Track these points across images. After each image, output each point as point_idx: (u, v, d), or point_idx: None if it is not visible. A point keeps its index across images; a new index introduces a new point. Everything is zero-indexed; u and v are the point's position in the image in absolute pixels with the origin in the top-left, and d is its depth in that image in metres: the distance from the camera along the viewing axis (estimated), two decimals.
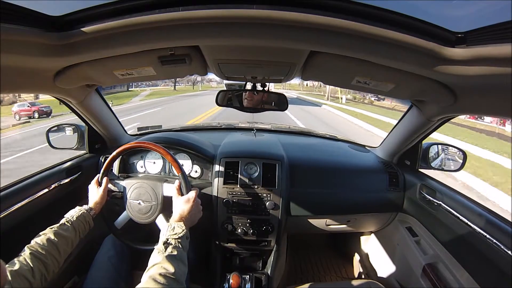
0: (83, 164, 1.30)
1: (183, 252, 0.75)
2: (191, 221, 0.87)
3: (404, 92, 0.86)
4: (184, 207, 0.86)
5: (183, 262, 0.72)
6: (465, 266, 0.95)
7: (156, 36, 0.59)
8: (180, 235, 0.76)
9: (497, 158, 6.84)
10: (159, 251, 0.71)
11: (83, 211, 0.91)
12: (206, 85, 49.40)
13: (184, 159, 1.29)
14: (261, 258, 1.36)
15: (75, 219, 0.88)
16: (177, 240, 0.75)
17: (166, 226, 0.80)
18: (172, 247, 0.72)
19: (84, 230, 0.90)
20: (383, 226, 1.46)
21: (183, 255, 0.74)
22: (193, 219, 0.88)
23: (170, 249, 0.71)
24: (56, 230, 0.81)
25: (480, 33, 0.50)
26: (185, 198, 0.88)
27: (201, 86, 44.56)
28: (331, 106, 17.92)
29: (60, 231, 0.81)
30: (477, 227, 0.89)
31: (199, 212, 0.91)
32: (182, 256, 0.73)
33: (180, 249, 0.73)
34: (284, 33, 0.56)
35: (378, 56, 0.61)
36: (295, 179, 1.26)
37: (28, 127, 10.51)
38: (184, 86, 45.45)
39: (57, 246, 0.77)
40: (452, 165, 1.28)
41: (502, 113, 0.72)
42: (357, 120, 11.80)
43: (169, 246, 0.72)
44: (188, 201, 0.87)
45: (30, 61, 0.65)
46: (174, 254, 0.71)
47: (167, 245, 0.72)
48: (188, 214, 0.85)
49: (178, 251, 0.72)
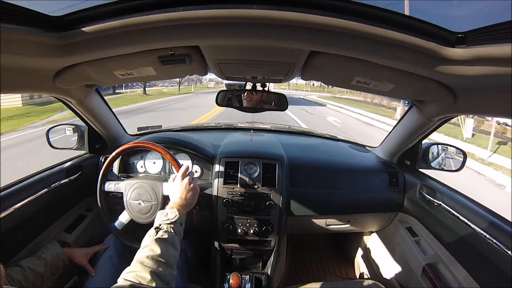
0: (83, 164, 1.30)
1: (175, 236, 0.73)
2: (187, 203, 0.85)
3: (404, 92, 0.86)
4: (175, 191, 0.85)
5: (173, 246, 0.70)
6: (465, 266, 0.95)
7: (156, 36, 0.59)
8: (172, 220, 0.75)
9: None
10: (150, 235, 0.70)
11: (59, 251, 0.97)
12: (201, 86, 43.56)
13: (184, 159, 1.29)
14: (261, 258, 1.36)
15: (49, 255, 0.92)
16: (169, 225, 0.73)
17: (159, 213, 0.79)
18: (163, 231, 0.70)
19: (58, 267, 0.94)
20: (383, 226, 1.46)
21: (174, 239, 0.72)
22: (189, 200, 0.86)
23: (160, 233, 0.70)
24: (29, 264, 0.86)
25: (480, 33, 0.50)
26: (175, 182, 0.86)
27: (193, 87, 37.60)
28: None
29: (32, 266, 0.86)
30: (477, 227, 0.89)
31: (193, 189, 0.87)
32: (173, 240, 0.71)
33: (172, 234, 0.72)
34: (284, 33, 0.56)
35: (378, 56, 0.61)
36: (295, 179, 1.26)
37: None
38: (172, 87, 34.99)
39: (27, 279, 0.82)
40: (452, 165, 1.28)
41: (502, 113, 0.72)
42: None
43: (160, 230, 0.71)
44: (177, 183, 0.85)
45: (30, 61, 0.65)
46: (165, 237, 0.69)
47: (158, 229, 0.71)
48: (181, 198, 0.83)
49: (169, 235, 0.70)
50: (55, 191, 1.12)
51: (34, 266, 0.86)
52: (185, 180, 0.87)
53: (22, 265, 0.84)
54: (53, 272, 0.93)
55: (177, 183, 0.87)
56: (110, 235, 1.15)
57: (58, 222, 1.18)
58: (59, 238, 1.15)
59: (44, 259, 0.90)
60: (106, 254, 1.07)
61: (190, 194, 0.86)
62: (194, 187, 0.89)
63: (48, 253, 0.93)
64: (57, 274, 0.95)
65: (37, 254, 0.91)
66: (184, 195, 0.85)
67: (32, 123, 10.39)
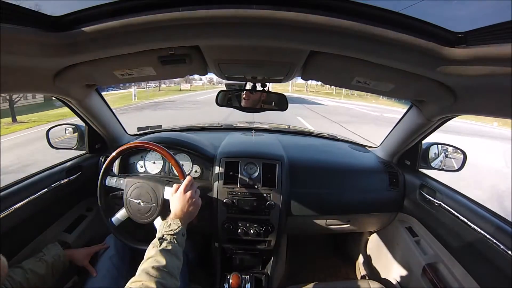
0: (83, 164, 1.30)
1: (178, 247, 0.75)
2: (189, 216, 0.85)
3: (404, 92, 0.86)
4: (178, 203, 0.85)
5: (177, 257, 0.72)
6: (465, 266, 0.95)
7: (156, 36, 0.59)
8: (175, 232, 0.76)
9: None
10: (154, 245, 0.71)
11: (60, 252, 0.97)
12: (195, 86, 38.77)
13: (184, 159, 1.29)
14: (261, 258, 1.36)
15: (51, 257, 0.93)
16: (173, 236, 0.75)
17: (162, 223, 0.80)
18: (167, 242, 0.72)
19: (58, 269, 0.95)
20: (383, 226, 1.46)
21: (178, 250, 0.74)
22: (191, 214, 0.86)
23: (164, 244, 0.72)
24: (30, 266, 0.86)
25: (480, 33, 0.50)
26: (178, 194, 0.87)
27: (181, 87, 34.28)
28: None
29: (34, 267, 0.86)
30: (477, 227, 0.89)
31: (195, 203, 0.87)
32: (177, 251, 0.73)
33: (175, 245, 0.73)
34: (284, 33, 0.56)
35: (378, 56, 0.61)
36: (295, 179, 1.26)
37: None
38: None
39: (28, 281, 0.82)
40: (452, 165, 1.28)
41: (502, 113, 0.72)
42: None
43: (164, 241, 0.72)
44: (180, 196, 0.85)
45: (30, 61, 0.65)
46: (169, 248, 0.71)
47: (162, 240, 0.73)
48: (182, 211, 0.83)
49: (172, 246, 0.72)
50: (55, 191, 1.12)
51: (36, 268, 0.86)
52: (188, 193, 0.86)
53: (23, 267, 0.84)
54: (54, 274, 0.93)
55: (180, 195, 0.86)
56: (110, 235, 1.15)
57: (58, 222, 1.18)
58: (59, 238, 1.15)
59: (45, 261, 0.90)
60: (107, 254, 1.07)
61: (191, 208, 0.86)
62: (196, 201, 0.88)
63: (49, 254, 0.93)
64: (57, 275, 0.95)
65: (38, 255, 0.92)
66: (185, 209, 0.84)
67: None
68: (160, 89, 31.21)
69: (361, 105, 21.95)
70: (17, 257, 0.95)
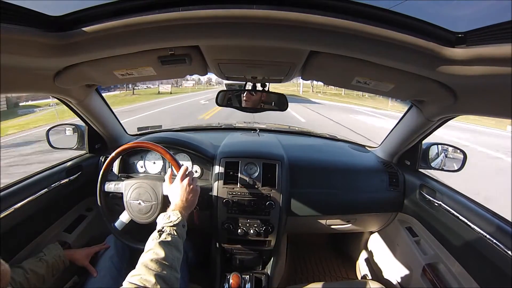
0: (83, 164, 1.30)
1: (179, 239, 0.73)
2: (189, 205, 0.85)
3: (404, 92, 0.86)
4: (176, 194, 0.84)
5: (177, 249, 0.71)
6: (465, 266, 0.95)
7: (156, 36, 0.59)
8: (175, 223, 0.75)
9: None
10: (153, 238, 0.70)
11: (61, 253, 0.97)
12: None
13: (184, 159, 1.29)
14: (261, 258, 1.36)
15: (51, 257, 0.93)
16: (172, 227, 0.74)
17: (162, 215, 0.79)
18: (166, 234, 0.71)
19: (58, 269, 0.94)
20: (383, 226, 1.46)
21: (178, 241, 0.72)
22: (191, 202, 0.85)
23: (164, 236, 0.70)
24: (30, 266, 0.86)
25: (480, 33, 0.50)
26: (175, 184, 0.86)
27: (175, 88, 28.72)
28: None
29: (34, 268, 0.86)
30: (477, 227, 0.89)
31: (194, 190, 0.87)
32: (177, 243, 0.72)
33: (175, 236, 0.72)
34: (284, 33, 0.56)
35: (378, 56, 0.61)
36: (295, 179, 1.26)
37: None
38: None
39: (28, 281, 0.82)
40: (452, 165, 1.28)
41: (502, 113, 0.72)
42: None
43: (163, 233, 0.71)
44: (178, 186, 0.85)
45: (30, 61, 0.65)
46: (168, 240, 0.70)
47: (161, 232, 0.72)
48: (182, 200, 0.83)
49: (172, 238, 0.71)
50: (55, 191, 1.12)
51: (36, 268, 0.86)
52: (185, 181, 0.87)
53: (23, 267, 0.84)
54: (54, 274, 0.93)
55: (177, 184, 0.86)
56: (110, 235, 1.15)
57: (58, 222, 1.18)
58: (59, 238, 1.15)
59: (45, 261, 0.90)
60: (107, 254, 1.08)
61: (190, 195, 0.86)
62: (194, 188, 0.88)
63: (50, 255, 0.93)
64: (57, 275, 0.95)
65: (38, 255, 0.92)
66: (184, 197, 0.84)
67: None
68: (133, 93, 23.44)
69: (371, 111, 16.31)
70: (17, 257, 0.95)
